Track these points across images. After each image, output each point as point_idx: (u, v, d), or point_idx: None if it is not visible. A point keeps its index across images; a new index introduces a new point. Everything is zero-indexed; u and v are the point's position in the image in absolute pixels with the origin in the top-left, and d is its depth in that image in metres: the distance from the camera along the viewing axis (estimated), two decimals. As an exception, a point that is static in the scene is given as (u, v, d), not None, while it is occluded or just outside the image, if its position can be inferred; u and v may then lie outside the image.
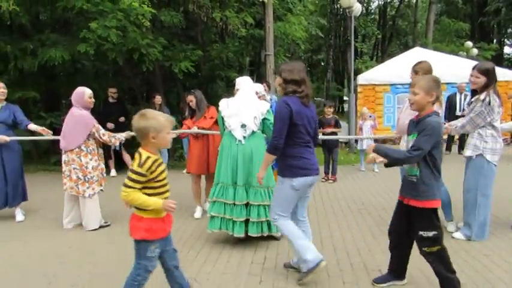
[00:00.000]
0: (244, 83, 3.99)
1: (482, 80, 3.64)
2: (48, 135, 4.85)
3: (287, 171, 2.94)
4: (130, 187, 2.23)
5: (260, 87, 4.53)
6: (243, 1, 8.44)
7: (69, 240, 4.12)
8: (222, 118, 3.87)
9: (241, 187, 3.67)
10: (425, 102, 2.60)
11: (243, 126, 3.72)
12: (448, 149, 9.77)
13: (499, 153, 3.69)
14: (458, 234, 3.88)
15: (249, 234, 3.70)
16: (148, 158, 2.25)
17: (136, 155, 2.27)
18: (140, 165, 2.23)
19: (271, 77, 9.08)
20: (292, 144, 2.92)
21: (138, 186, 2.24)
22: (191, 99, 4.95)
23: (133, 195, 2.23)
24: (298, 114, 2.88)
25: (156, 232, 2.34)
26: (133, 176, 2.23)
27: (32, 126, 4.84)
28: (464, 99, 9.13)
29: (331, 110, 6.91)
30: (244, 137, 3.71)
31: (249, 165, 3.68)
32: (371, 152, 2.67)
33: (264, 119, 3.78)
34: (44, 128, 4.85)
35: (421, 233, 2.65)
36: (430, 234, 2.62)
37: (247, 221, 3.71)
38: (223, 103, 3.92)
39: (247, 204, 3.69)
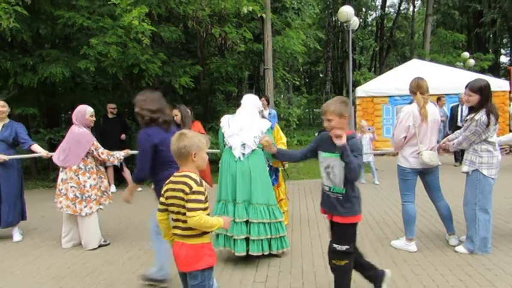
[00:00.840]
0: (247, 101, 3.99)
1: (475, 97, 3.66)
2: (48, 156, 4.84)
3: (158, 193, 2.98)
4: (199, 209, 2.13)
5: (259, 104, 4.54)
6: (241, 16, 8.52)
7: (68, 260, 4.07)
8: (223, 134, 3.87)
9: (241, 204, 3.66)
10: (342, 124, 2.67)
11: (243, 144, 3.72)
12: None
13: (497, 166, 3.70)
14: (460, 248, 3.84)
15: (250, 253, 3.66)
16: (198, 177, 2.22)
17: (186, 179, 2.18)
18: (199, 184, 2.18)
19: (270, 91, 9.12)
20: (162, 168, 3.11)
21: (203, 206, 2.16)
22: (176, 113, 4.92)
23: (204, 218, 2.14)
24: (163, 141, 3.06)
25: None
26: (199, 197, 2.15)
27: (36, 148, 4.82)
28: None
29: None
30: (243, 154, 3.70)
31: (248, 183, 3.68)
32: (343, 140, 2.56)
33: None
34: (48, 152, 4.87)
35: (335, 245, 2.73)
36: (343, 248, 2.69)
37: (248, 239, 3.67)
38: (225, 120, 3.93)
39: (247, 222, 3.67)
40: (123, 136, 7.67)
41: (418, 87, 3.83)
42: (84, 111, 4.38)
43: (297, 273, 3.52)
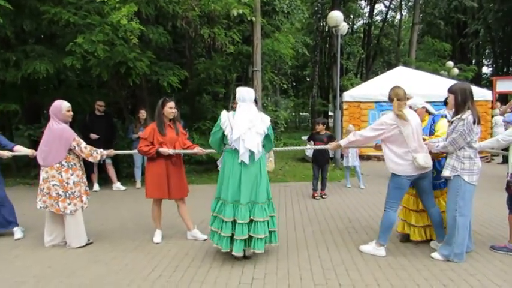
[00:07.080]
0: (244, 94, 3.79)
1: (450, 97, 3.79)
2: (33, 155, 4.60)
3: None
4: None
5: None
6: (231, 18, 8.49)
7: (50, 259, 3.97)
8: (223, 133, 3.74)
9: (244, 206, 3.64)
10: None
11: (251, 151, 3.68)
12: None
13: (477, 173, 3.76)
14: (435, 255, 3.87)
15: (255, 251, 3.70)
16: None
17: None
18: None
19: (258, 93, 9.11)
20: None
21: None
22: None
23: None
24: None
25: None
26: None
27: (19, 148, 4.71)
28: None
29: (322, 127, 6.81)
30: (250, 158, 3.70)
31: (254, 184, 3.68)
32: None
33: (266, 135, 3.80)
34: (33, 150, 4.65)
35: None
36: None
37: (249, 238, 3.70)
38: (224, 118, 3.73)
39: (250, 221, 3.68)
40: (94, 136, 7.26)
41: (395, 95, 3.90)
42: (60, 106, 4.25)
43: (282, 275, 3.50)
